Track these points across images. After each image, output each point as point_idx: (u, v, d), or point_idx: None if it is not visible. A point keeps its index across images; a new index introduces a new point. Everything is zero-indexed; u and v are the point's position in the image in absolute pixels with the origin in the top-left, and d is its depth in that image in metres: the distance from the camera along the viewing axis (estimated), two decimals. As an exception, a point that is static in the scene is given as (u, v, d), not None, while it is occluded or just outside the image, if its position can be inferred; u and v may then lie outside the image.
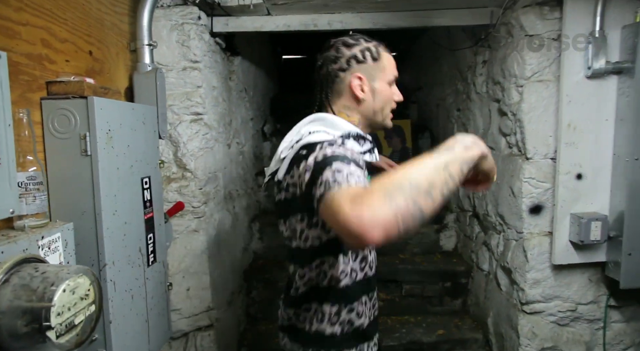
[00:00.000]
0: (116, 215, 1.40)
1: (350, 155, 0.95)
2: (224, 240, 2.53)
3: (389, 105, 1.23)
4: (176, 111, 2.11)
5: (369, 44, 1.21)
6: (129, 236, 1.49)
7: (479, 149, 0.88)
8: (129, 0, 1.86)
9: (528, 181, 2.16)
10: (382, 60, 1.20)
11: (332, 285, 1.14)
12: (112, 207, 1.38)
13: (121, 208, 1.43)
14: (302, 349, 1.20)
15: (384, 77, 1.20)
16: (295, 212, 1.11)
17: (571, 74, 2.00)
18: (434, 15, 2.31)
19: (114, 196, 1.39)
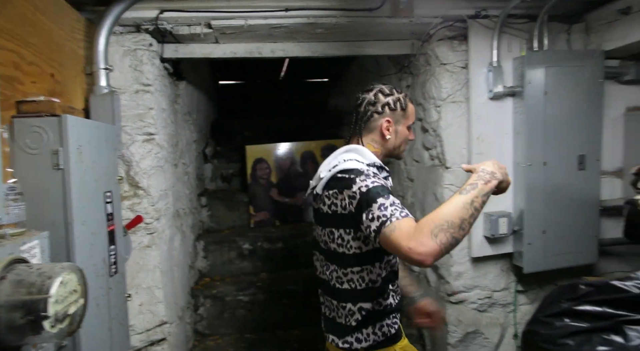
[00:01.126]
0: (85, 225, 1.49)
1: (384, 183, 1.32)
2: (174, 256, 2.60)
3: (405, 143, 1.56)
4: (129, 131, 2.21)
5: (399, 95, 1.53)
6: (95, 246, 1.57)
7: (496, 180, 1.22)
8: (85, 27, 1.97)
9: (448, 187, 2.51)
10: (407, 109, 1.53)
11: (369, 286, 1.42)
12: (82, 217, 1.47)
13: (89, 219, 1.52)
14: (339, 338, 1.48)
15: (406, 123, 1.53)
16: (339, 225, 1.40)
17: (477, 96, 2.40)
18: (365, 45, 2.64)
19: (83, 207, 1.48)
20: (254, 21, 2.21)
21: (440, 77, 2.50)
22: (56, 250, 1.40)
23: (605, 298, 1.28)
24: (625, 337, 1.21)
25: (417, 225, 1.11)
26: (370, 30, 2.47)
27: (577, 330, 1.29)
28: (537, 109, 2.29)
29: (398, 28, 2.45)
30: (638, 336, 1.21)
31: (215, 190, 4.04)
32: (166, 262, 2.40)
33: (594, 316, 1.28)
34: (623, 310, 1.25)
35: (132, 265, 2.25)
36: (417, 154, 2.91)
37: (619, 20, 2.29)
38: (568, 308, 1.34)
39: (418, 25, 2.42)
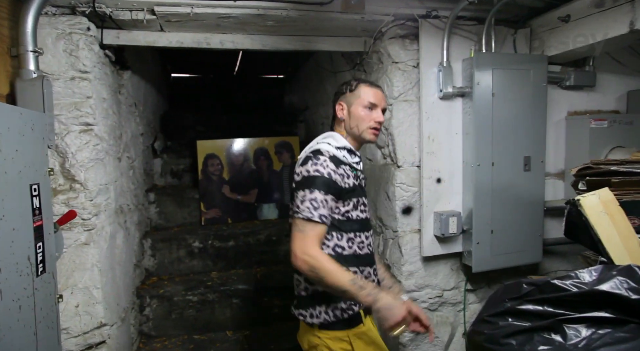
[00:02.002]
0: (4, 220, 1.37)
1: (328, 175, 1.48)
2: (116, 254, 2.46)
3: (364, 123, 1.62)
4: (64, 121, 2.06)
5: (353, 81, 1.69)
6: (18, 243, 1.45)
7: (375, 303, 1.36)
8: (8, 4, 1.82)
9: (400, 186, 2.52)
10: (357, 90, 1.64)
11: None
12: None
13: (9, 214, 1.40)
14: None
15: (359, 102, 1.62)
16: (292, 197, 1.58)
17: (428, 95, 2.41)
18: (317, 41, 2.60)
19: (1, 201, 1.36)
20: (201, 9, 2.12)
21: (392, 76, 2.50)
22: (-33, 247, 1.27)
23: (546, 297, 1.29)
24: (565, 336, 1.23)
25: (315, 249, 1.43)
26: (322, 25, 2.43)
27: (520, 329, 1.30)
28: (485, 110, 2.34)
29: (350, 24, 2.43)
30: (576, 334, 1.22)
31: (165, 186, 3.88)
32: (106, 261, 2.27)
33: (535, 315, 1.30)
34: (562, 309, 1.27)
35: (68, 263, 2.11)
36: (370, 153, 2.91)
37: (559, 27, 2.37)
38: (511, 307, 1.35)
39: (370, 22, 2.41)
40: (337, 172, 1.51)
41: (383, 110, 1.66)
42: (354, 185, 1.57)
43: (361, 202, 1.61)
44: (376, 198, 2.80)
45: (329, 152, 1.53)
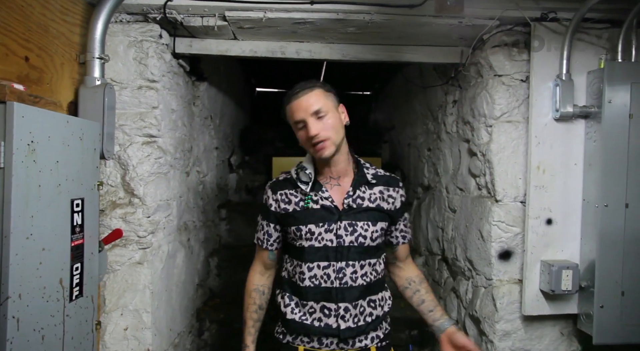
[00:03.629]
0: (31, 239, 1.22)
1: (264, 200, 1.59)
2: (174, 275, 2.32)
3: (306, 145, 1.45)
4: (127, 132, 1.96)
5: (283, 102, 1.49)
6: (47, 265, 1.29)
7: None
8: (82, 11, 1.75)
9: (497, 225, 2.07)
10: (287, 116, 1.49)
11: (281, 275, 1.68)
12: (26, 229, 1.20)
13: (39, 232, 1.25)
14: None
15: (293, 126, 1.48)
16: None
17: (540, 116, 1.96)
18: (404, 51, 2.28)
19: (30, 217, 1.21)
20: (274, 14, 1.91)
21: (494, 91, 2.09)
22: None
23: None
24: None
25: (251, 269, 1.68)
26: (411, 32, 2.11)
27: None
28: (619, 136, 1.82)
29: (444, 31, 2.08)
30: None
31: (238, 203, 3.76)
32: (160, 282, 2.12)
33: None
34: None
35: (120, 282, 1.98)
36: (461, 181, 2.49)
37: None
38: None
39: (469, 27, 2.03)
40: (274, 197, 1.54)
41: (315, 113, 1.39)
42: (294, 210, 1.49)
43: (307, 230, 1.47)
44: (466, 235, 2.36)
45: (278, 177, 1.60)
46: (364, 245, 1.47)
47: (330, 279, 1.46)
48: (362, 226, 1.47)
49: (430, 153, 3.06)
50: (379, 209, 1.51)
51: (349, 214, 1.47)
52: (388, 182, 1.56)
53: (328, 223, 1.46)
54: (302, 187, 1.49)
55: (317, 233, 1.46)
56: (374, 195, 1.52)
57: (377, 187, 1.53)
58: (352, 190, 1.49)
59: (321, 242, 1.46)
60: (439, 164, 2.85)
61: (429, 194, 3.07)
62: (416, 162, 3.39)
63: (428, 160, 3.10)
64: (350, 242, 1.46)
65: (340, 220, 1.46)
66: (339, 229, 1.45)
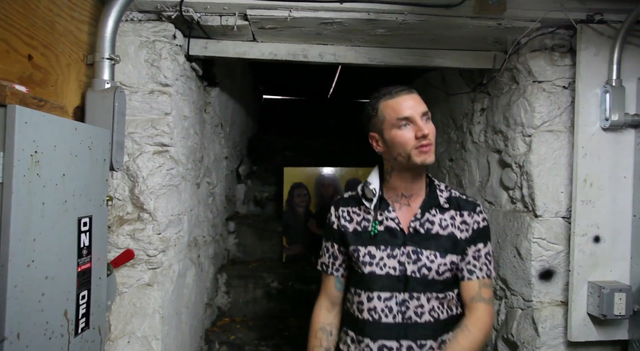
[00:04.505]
0: (32, 267, 1.04)
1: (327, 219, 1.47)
2: (184, 295, 2.13)
3: (407, 146, 1.26)
4: (137, 140, 1.79)
5: (371, 99, 1.35)
6: (50, 296, 1.12)
7: None
8: (91, 7, 1.59)
9: (538, 242, 1.91)
10: (379, 112, 1.31)
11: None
12: (27, 255, 1.02)
13: (42, 257, 1.07)
14: None
15: (388, 125, 1.29)
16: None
17: (587, 125, 1.81)
18: (435, 55, 2.13)
19: (32, 241, 1.04)
20: (300, 13, 1.76)
21: (534, 99, 1.94)
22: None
23: None
24: None
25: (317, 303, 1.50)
26: (445, 35, 1.96)
27: None
28: (675, 146, 1.68)
29: (480, 33, 1.93)
30: None
31: (247, 215, 3.58)
32: (170, 305, 1.93)
33: None
34: None
35: (127, 306, 1.80)
36: (491, 193, 2.32)
37: None
38: None
39: (508, 30, 1.89)
40: (336, 213, 1.43)
41: (424, 114, 1.28)
42: (354, 230, 1.37)
43: (366, 253, 1.33)
44: (498, 252, 2.19)
45: (344, 194, 1.50)
46: (428, 277, 1.29)
47: (393, 313, 1.29)
48: (428, 256, 1.30)
49: (452, 163, 2.91)
50: (451, 238, 1.32)
51: (415, 240, 1.31)
52: (461, 205, 1.37)
53: (391, 247, 1.31)
54: (366, 203, 1.35)
55: (379, 257, 1.32)
56: (445, 220, 1.34)
57: (450, 212, 1.36)
58: (420, 213, 1.33)
59: (383, 269, 1.31)
60: (464, 175, 2.69)
61: (451, 207, 2.90)
62: (435, 172, 3.23)
63: (450, 171, 2.94)
64: (412, 272, 1.29)
65: (405, 245, 1.31)
66: (401, 255, 1.30)
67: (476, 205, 1.39)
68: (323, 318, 1.45)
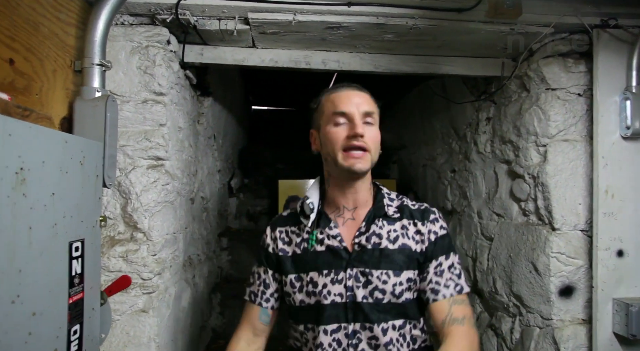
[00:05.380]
0: (17, 303, 0.88)
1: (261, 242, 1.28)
2: (180, 320, 1.97)
3: (335, 144, 1.10)
4: (130, 153, 1.64)
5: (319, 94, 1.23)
6: (38, 335, 0.96)
7: None
8: (78, 8, 1.45)
9: (557, 256, 1.82)
10: (321, 104, 1.19)
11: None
12: (12, 290, 0.87)
13: (28, 291, 0.92)
14: None
15: (325, 120, 1.15)
16: None
17: (606, 133, 1.74)
18: (442, 62, 2.05)
19: (17, 272, 0.88)
20: (305, 17, 1.65)
21: (548, 107, 1.86)
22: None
23: None
24: None
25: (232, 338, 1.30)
26: (453, 41, 1.88)
27: None
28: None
29: (490, 39, 1.86)
30: None
31: (239, 230, 3.42)
32: (167, 332, 1.77)
33: None
34: None
35: (120, 335, 1.63)
36: (499, 205, 2.24)
37: None
38: None
39: (520, 35, 1.82)
40: (272, 235, 1.25)
41: (366, 114, 1.12)
42: (293, 254, 1.19)
43: (308, 281, 1.14)
44: (511, 267, 2.10)
45: (282, 213, 1.31)
46: (382, 301, 1.10)
47: (342, 347, 1.10)
48: (379, 276, 1.11)
49: (455, 174, 2.82)
50: (404, 251, 1.13)
51: (361, 258, 1.12)
52: (413, 213, 1.19)
53: (335, 270, 1.13)
54: (304, 221, 1.18)
55: (322, 284, 1.12)
56: (394, 232, 1.15)
57: (400, 222, 1.17)
58: (364, 226, 1.15)
59: (327, 297, 1.11)
60: (468, 187, 2.60)
61: (454, 219, 2.81)
62: (435, 184, 3.14)
63: (452, 183, 2.86)
64: (363, 297, 1.10)
65: (351, 266, 1.12)
66: (348, 279, 1.11)
67: (431, 212, 1.20)
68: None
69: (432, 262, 1.15)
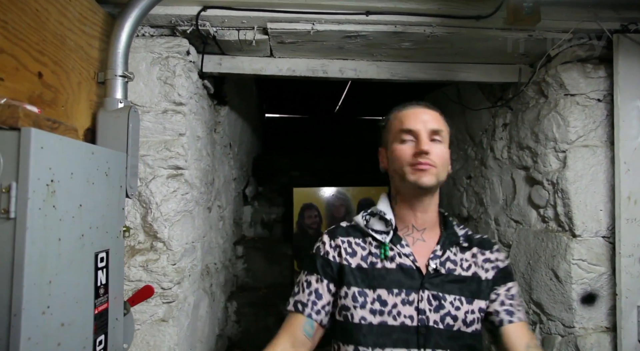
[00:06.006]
0: (48, 314, 0.89)
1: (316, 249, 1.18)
2: (198, 329, 1.97)
3: (403, 161, 1.10)
4: (150, 163, 1.66)
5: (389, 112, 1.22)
6: (66, 345, 0.97)
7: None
8: (102, 22, 1.48)
9: (578, 263, 1.79)
10: (389, 123, 1.19)
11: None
12: (43, 301, 0.88)
13: (57, 302, 0.93)
14: None
15: (392, 138, 1.15)
16: None
17: (628, 139, 1.71)
18: (459, 69, 2.04)
19: (47, 283, 0.89)
20: (324, 26, 1.66)
21: (567, 112, 1.85)
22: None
23: None
24: None
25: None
26: (471, 48, 1.87)
27: None
28: None
29: (508, 46, 1.85)
30: None
31: (254, 238, 3.43)
32: (186, 341, 1.78)
33: None
34: None
35: (140, 344, 1.64)
36: (517, 212, 2.21)
37: None
38: None
39: (538, 41, 1.81)
40: (333, 243, 1.16)
41: (434, 132, 1.09)
42: (358, 266, 1.11)
43: (375, 298, 1.06)
44: (530, 274, 2.07)
45: (339, 224, 1.23)
46: (453, 328, 1.05)
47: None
48: (452, 302, 1.07)
49: (470, 181, 2.80)
50: (475, 279, 1.12)
51: (435, 282, 1.07)
52: (482, 243, 1.19)
53: (407, 291, 1.06)
54: (377, 236, 1.11)
55: (391, 303, 1.05)
56: (466, 260, 1.14)
57: (470, 251, 1.16)
58: (440, 250, 1.12)
59: (397, 319, 1.04)
60: (484, 193, 2.58)
61: (470, 226, 2.78)
62: (450, 190, 3.12)
63: (468, 189, 2.84)
64: (434, 322, 1.05)
65: (423, 288, 1.06)
66: (420, 301, 1.05)
67: (493, 243, 1.22)
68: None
69: (501, 286, 1.14)
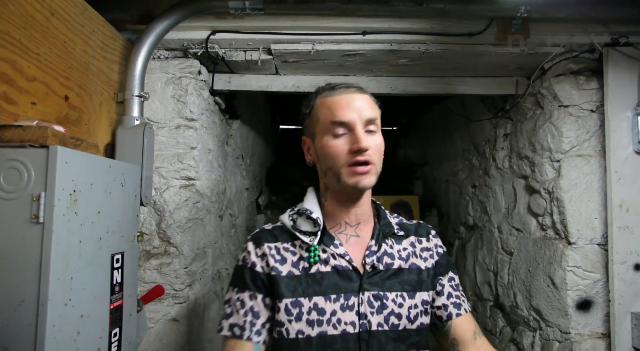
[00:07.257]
0: (69, 305, 1.03)
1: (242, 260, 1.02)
2: (208, 330, 2.09)
3: (337, 161, 0.96)
4: (164, 174, 1.80)
5: (310, 94, 1.08)
6: (85, 334, 1.10)
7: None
8: (122, 48, 1.64)
9: (573, 270, 1.84)
10: (313, 111, 1.04)
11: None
12: (65, 294, 1.01)
13: (78, 296, 1.06)
14: None
15: (321, 129, 0.99)
16: None
17: (619, 149, 1.77)
18: (456, 83, 2.13)
19: (69, 279, 1.03)
20: (324, 46, 1.79)
21: (561, 123, 1.91)
22: (18, 344, 0.94)
23: None
24: None
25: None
26: (466, 63, 1.97)
27: None
28: None
29: (502, 60, 1.93)
30: None
31: (267, 246, 3.54)
32: (197, 341, 1.90)
33: None
34: None
35: (154, 342, 1.77)
36: (518, 220, 2.27)
37: None
38: None
39: (530, 56, 1.89)
40: (258, 251, 1.00)
41: (369, 121, 0.96)
42: (289, 274, 0.96)
43: (311, 307, 0.94)
44: (530, 281, 2.12)
45: (264, 227, 1.08)
46: (399, 328, 0.96)
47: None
48: (395, 299, 0.98)
49: (475, 190, 2.87)
50: (415, 270, 1.03)
51: (374, 281, 0.98)
52: (417, 230, 1.10)
53: (345, 295, 0.95)
54: (304, 239, 0.99)
55: (330, 311, 0.94)
56: (404, 250, 1.04)
57: (407, 239, 1.07)
58: (375, 244, 1.01)
59: (337, 327, 0.93)
60: (488, 202, 2.64)
61: (475, 234, 2.85)
62: (457, 199, 3.19)
63: (473, 198, 2.90)
64: (378, 325, 0.95)
65: (363, 290, 0.96)
66: (361, 304, 0.95)
67: (429, 228, 1.14)
68: None
69: (445, 276, 1.08)
